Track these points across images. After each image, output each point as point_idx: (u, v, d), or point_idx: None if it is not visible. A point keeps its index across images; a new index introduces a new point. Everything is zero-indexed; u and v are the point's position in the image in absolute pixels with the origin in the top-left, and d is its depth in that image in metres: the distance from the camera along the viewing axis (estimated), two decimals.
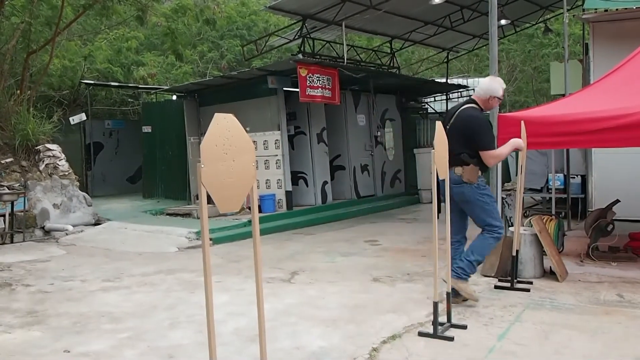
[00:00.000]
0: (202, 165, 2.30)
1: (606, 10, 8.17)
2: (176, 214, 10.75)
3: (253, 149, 2.55)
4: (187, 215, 10.57)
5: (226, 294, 5.32)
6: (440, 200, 4.71)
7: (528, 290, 5.03)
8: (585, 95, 5.93)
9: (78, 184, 10.42)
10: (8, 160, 9.77)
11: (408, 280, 5.70)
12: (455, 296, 4.55)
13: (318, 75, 10.42)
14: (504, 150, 4.77)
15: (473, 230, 4.87)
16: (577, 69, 10.53)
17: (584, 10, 8.85)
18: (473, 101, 4.81)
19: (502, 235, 4.77)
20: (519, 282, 5.22)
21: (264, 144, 10.86)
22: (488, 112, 5.08)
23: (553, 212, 8.48)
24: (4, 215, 8.83)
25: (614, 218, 6.45)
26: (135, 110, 16.99)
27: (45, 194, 9.75)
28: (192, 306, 4.97)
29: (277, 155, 10.76)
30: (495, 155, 4.68)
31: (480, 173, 4.65)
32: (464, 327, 4.11)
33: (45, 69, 12.32)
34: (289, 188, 10.84)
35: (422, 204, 13.14)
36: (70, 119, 12.98)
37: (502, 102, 5.95)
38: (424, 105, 16.90)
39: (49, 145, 10.29)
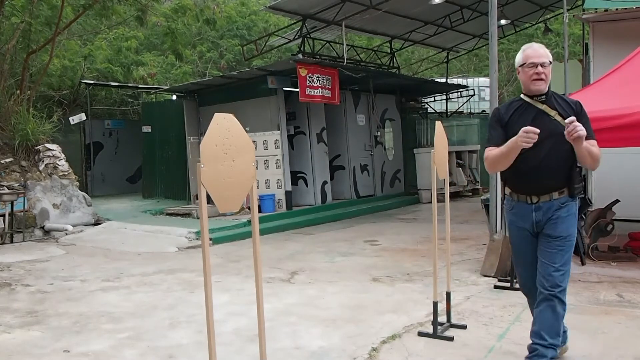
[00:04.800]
0: (202, 165, 2.30)
1: (606, 10, 8.16)
2: (176, 214, 10.75)
3: (253, 149, 2.55)
4: (186, 215, 10.57)
5: (226, 294, 5.32)
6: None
7: None
8: (584, 95, 5.92)
9: (78, 184, 10.43)
10: (8, 160, 9.77)
11: (408, 280, 5.70)
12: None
13: (318, 75, 10.42)
14: (495, 151, 3.21)
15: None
16: (577, 69, 10.53)
17: (583, 10, 8.84)
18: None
19: (524, 290, 3.58)
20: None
21: (263, 144, 10.85)
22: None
23: None
24: (3, 215, 8.84)
25: (613, 218, 6.45)
26: (135, 110, 17.01)
27: (45, 194, 9.75)
28: (192, 306, 4.96)
29: (276, 155, 10.76)
30: (485, 157, 3.31)
31: (510, 191, 3.36)
32: (464, 327, 4.11)
33: (45, 68, 12.32)
34: (289, 188, 10.84)
35: (422, 203, 13.14)
36: (70, 119, 12.98)
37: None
38: (424, 105, 16.91)
39: (48, 145, 10.29)
